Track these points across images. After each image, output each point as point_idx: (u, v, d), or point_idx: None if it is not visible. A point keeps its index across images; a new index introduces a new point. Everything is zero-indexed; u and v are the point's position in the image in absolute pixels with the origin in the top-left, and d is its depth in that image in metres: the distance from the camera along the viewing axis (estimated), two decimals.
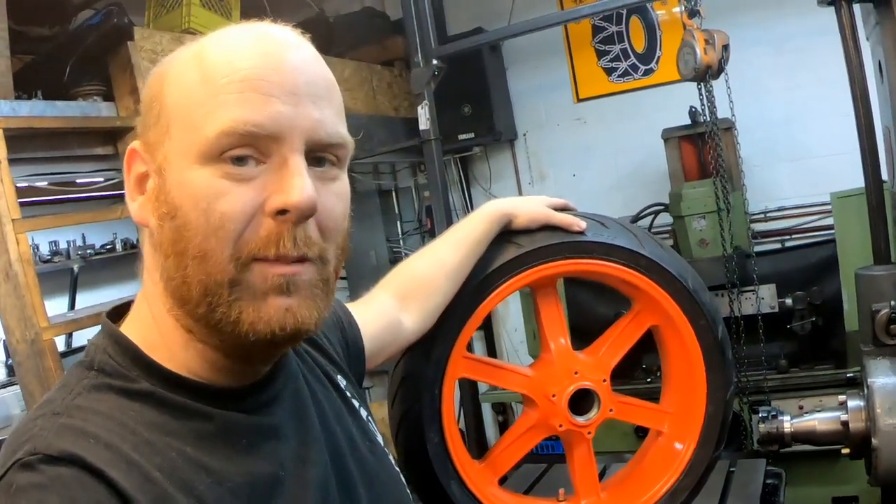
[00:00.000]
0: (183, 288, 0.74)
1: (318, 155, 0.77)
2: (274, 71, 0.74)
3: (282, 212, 0.72)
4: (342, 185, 0.80)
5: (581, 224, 1.41)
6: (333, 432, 0.89)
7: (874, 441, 1.79)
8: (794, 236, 3.98)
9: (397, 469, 0.98)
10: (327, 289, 0.78)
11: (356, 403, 0.97)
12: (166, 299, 0.77)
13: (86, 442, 0.67)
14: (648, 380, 3.55)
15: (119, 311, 0.83)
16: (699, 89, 3.19)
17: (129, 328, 0.79)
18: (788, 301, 3.43)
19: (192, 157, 0.72)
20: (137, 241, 0.84)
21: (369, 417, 0.98)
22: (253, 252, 0.73)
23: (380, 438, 0.97)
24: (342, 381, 0.97)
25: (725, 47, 3.08)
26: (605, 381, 1.48)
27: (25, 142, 2.56)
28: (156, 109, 0.77)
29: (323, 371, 0.95)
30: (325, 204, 0.76)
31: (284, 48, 0.76)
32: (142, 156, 0.78)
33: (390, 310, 1.25)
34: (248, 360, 0.80)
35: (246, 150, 0.72)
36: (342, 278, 4.53)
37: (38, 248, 4.62)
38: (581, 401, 1.47)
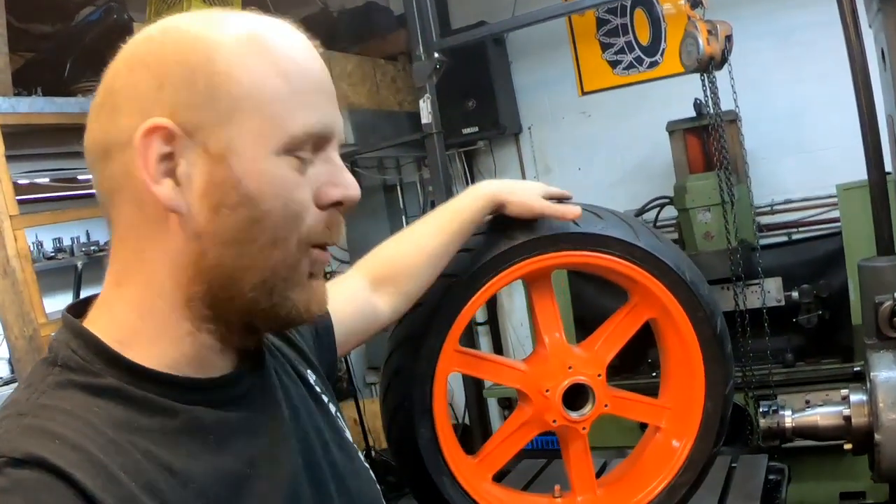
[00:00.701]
0: (237, 274, 0.75)
1: None
2: (328, 75, 0.80)
3: (337, 203, 0.79)
4: None
5: (576, 210, 1.36)
6: (305, 430, 0.87)
7: (877, 436, 1.76)
8: (800, 229, 3.95)
9: (367, 465, 0.97)
10: None
11: (325, 399, 0.95)
12: (183, 286, 0.75)
13: (52, 443, 0.67)
14: (654, 374, 3.51)
15: (81, 308, 0.81)
16: (703, 81, 3.17)
17: (96, 323, 0.77)
18: (795, 294, 3.41)
19: (268, 148, 0.74)
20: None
21: (338, 413, 0.97)
22: (314, 240, 0.78)
23: (348, 434, 0.96)
24: (311, 377, 0.96)
25: (728, 38, 3.05)
26: (599, 375, 1.45)
27: (24, 138, 2.56)
28: (206, 90, 0.73)
29: (292, 366, 0.93)
30: None
31: (316, 51, 0.82)
32: (175, 134, 0.72)
33: (363, 293, 1.22)
34: (246, 346, 0.83)
35: (312, 147, 0.77)
36: None
37: (41, 245, 4.62)
38: (576, 396, 1.45)
